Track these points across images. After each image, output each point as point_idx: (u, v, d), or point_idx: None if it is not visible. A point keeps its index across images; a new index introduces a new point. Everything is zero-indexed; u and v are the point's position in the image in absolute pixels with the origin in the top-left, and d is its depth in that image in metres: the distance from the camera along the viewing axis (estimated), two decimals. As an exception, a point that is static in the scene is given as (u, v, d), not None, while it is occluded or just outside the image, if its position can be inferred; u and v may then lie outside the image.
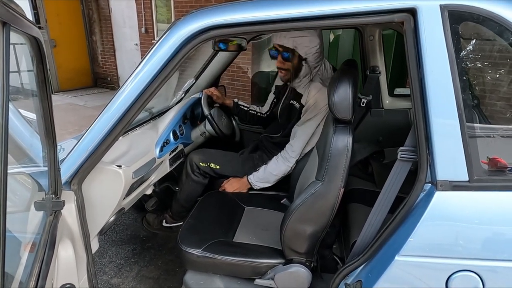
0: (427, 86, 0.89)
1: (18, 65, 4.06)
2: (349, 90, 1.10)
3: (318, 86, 1.74)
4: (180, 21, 1.05)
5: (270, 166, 1.83)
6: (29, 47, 0.64)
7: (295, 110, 1.84)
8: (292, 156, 1.78)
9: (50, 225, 0.93)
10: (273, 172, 1.82)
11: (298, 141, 1.77)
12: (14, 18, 0.48)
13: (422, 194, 0.95)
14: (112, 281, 1.89)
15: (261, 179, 1.85)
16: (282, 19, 0.97)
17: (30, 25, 0.58)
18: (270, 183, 1.86)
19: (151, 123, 1.82)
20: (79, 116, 5.38)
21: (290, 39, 1.66)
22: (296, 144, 1.78)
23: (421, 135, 0.92)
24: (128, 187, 1.36)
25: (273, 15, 0.97)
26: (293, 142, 1.79)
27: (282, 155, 1.81)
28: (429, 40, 0.88)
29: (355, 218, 1.58)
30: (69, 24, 6.96)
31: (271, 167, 1.82)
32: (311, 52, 1.69)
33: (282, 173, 1.82)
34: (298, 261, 1.31)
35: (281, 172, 1.81)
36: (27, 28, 0.56)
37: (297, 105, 1.83)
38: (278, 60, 1.76)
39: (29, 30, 0.57)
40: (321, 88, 1.73)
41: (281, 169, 1.81)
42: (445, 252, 0.93)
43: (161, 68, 1.06)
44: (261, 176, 1.84)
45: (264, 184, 1.86)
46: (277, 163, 1.81)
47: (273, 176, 1.83)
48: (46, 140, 0.87)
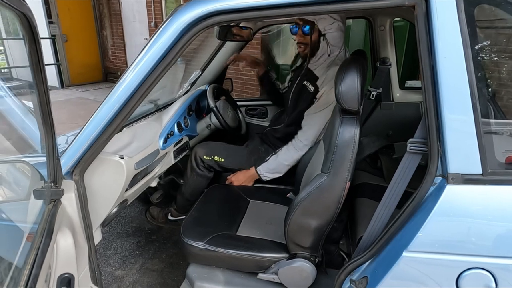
0: (439, 74, 0.84)
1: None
2: (356, 80, 1.05)
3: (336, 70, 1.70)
4: (181, 7, 1.02)
5: (282, 156, 1.78)
6: (19, 25, 0.62)
7: (307, 93, 1.78)
8: (305, 144, 1.73)
9: (48, 213, 0.91)
10: (285, 162, 1.77)
11: (313, 129, 1.72)
12: None
13: (432, 187, 0.90)
14: (116, 273, 1.89)
15: (272, 170, 1.80)
16: (287, 4, 0.93)
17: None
18: (281, 174, 1.81)
19: (156, 115, 1.80)
20: (89, 110, 5.40)
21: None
22: (309, 132, 1.73)
23: (432, 125, 0.87)
24: (130, 178, 1.34)
25: (278, 0, 0.94)
26: (306, 129, 1.74)
27: (293, 143, 1.76)
28: (442, 25, 0.83)
29: (363, 213, 1.54)
30: (80, 19, 7.03)
31: (283, 156, 1.77)
32: (330, 29, 1.66)
33: (294, 162, 1.77)
34: (302, 256, 1.28)
35: (294, 161, 1.76)
36: (13, 1, 0.53)
37: (311, 88, 1.77)
38: (298, 34, 1.76)
39: (16, 4, 0.55)
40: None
41: (294, 158, 1.76)
42: (455, 249, 0.88)
43: (162, 57, 1.03)
44: (271, 167, 1.80)
45: (274, 175, 1.81)
46: (289, 152, 1.76)
47: (285, 166, 1.78)
48: (43, 127, 0.85)
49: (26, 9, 0.58)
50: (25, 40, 0.65)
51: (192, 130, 2.00)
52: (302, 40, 1.76)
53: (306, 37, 1.74)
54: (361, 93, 1.07)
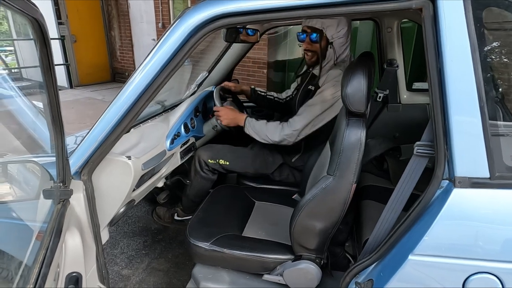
0: (446, 77, 0.84)
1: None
2: (363, 82, 1.05)
3: (338, 72, 1.71)
4: (189, 10, 1.03)
5: (269, 127, 1.77)
6: (31, 30, 0.63)
7: (311, 93, 1.80)
8: (292, 130, 1.72)
9: (57, 213, 0.93)
10: (267, 133, 1.77)
11: (300, 120, 1.72)
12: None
13: (439, 191, 0.90)
14: (122, 272, 1.91)
15: (255, 129, 1.80)
16: (294, 6, 0.94)
17: (30, 4, 0.57)
18: (258, 138, 1.80)
19: (163, 116, 1.82)
20: (97, 110, 5.48)
21: (319, 20, 1.67)
22: (297, 121, 1.73)
23: (438, 128, 0.87)
24: (137, 178, 1.35)
25: (285, 3, 0.94)
26: (296, 118, 1.74)
27: (283, 124, 1.76)
28: (450, 28, 0.83)
29: (369, 216, 1.54)
30: (88, 20, 7.11)
31: (269, 127, 1.77)
32: (337, 36, 1.69)
33: (272, 139, 1.76)
34: (307, 257, 1.28)
35: (272, 138, 1.76)
36: (25, 7, 0.55)
37: (313, 89, 1.79)
38: (305, 42, 1.76)
39: (28, 10, 0.56)
40: (340, 73, 1.69)
41: (274, 136, 1.75)
42: (462, 253, 0.88)
43: (170, 59, 1.04)
44: (256, 128, 1.79)
45: (253, 134, 1.81)
46: (276, 129, 1.76)
47: (265, 135, 1.77)
48: (53, 128, 0.87)
49: (38, 15, 0.60)
50: (36, 43, 0.67)
51: (198, 131, 2.01)
52: (310, 47, 1.76)
53: (314, 45, 1.74)
54: (367, 96, 1.07)
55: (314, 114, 1.72)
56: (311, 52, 1.77)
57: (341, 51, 1.74)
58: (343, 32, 1.70)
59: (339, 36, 1.70)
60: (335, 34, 1.68)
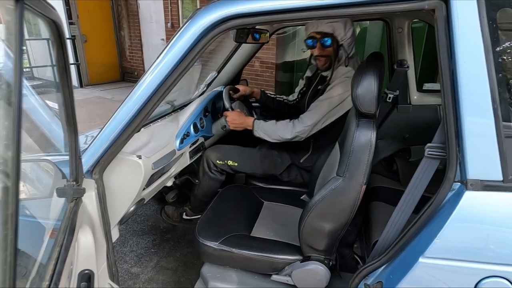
0: (458, 78, 0.83)
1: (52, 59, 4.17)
2: (373, 83, 1.05)
3: (346, 68, 1.72)
4: (200, 11, 1.04)
5: (279, 125, 1.78)
6: (49, 32, 0.64)
7: (321, 92, 1.80)
8: (304, 126, 1.73)
9: (70, 211, 0.95)
10: (278, 133, 1.77)
11: (312, 115, 1.73)
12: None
13: (450, 193, 0.89)
14: (132, 270, 1.93)
15: (265, 131, 1.81)
16: (306, 7, 0.94)
17: (49, 7, 0.58)
18: (269, 139, 1.81)
19: (173, 116, 1.83)
20: (107, 109, 5.54)
21: (327, 25, 1.66)
22: (308, 117, 1.74)
23: (450, 130, 0.86)
24: (147, 177, 1.37)
25: (296, 3, 0.94)
26: (307, 114, 1.75)
27: (294, 121, 1.77)
28: (463, 29, 0.82)
29: (378, 217, 1.53)
30: (99, 19, 7.18)
31: (280, 127, 1.78)
32: (346, 37, 1.69)
33: (284, 138, 1.77)
34: (316, 258, 1.28)
35: (285, 136, 1.76)
36: (44, 9, 0.56)
37: (322, 88, 1.80)
38: (317, 48, 1.74)
39: (47, 13, 0.57)
40: (349, 70, 1.70)
41: (286, 134, 1.76)
42: (474, 256, 0.87)
43: (181, 59, 1.05)
44: (266, 129, 1.80)
45: (263, 136, 1.81)
46: (287, 127, 1.76)
47: (277, 135, 1.78)
48: (67, 127, 0.88)
49: (55, 16, 0.61)
50: (53, 44, 0.68)
51: (207, 131, 2.02)
52: (322, 53, 1.74)
53: (326, 50, 1.73)
54: (378, 97, 1.07)
55: (325, 110, 1.72)
56: (324, 57, 1.76)
57: (350, 50, 1.75)
58: (351, 32, 1.71)
59: (348, 37, 1.70)
60: (343, 36, 1.68)
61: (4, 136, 0.36)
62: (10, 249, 0.36)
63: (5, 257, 0.36)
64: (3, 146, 0.36)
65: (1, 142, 0.35)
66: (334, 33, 1.67)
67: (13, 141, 0.36)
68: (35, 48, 7.07)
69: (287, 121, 1.79)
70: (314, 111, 1.74)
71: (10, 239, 0.36)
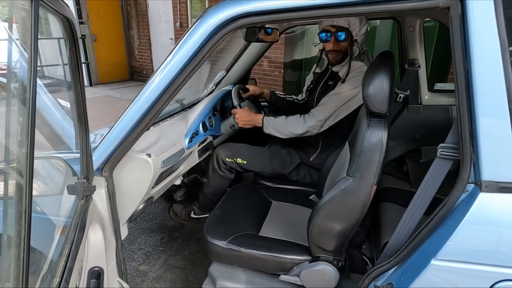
0: (473, 77, 0.82)
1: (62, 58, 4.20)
2: (385, 82, 1.03)
3: (359, 64, 1.71)
4: (210, 9, 1.04)
5: (290, 121, 1.78)
6: (62, 29, 0.65)
7: (332, 87, 1.79)
8: (314, 120, 1.72)
9: (81, 209, 0.95)
10: (290, 128, 1.77)
11: (323, 109, 1.72)
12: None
13: (464, 195, 0.87)
14: (140, 268, 1.94)
15: (276, 127, 1.80)
16: (316, 6, 0.93)
17: (63, 4, 0.58)
18: (280, 136, 1.81)
19: (182, 114, 1.84)
20: (116, 108, 5.59)
21: (343, 19, 1.65)
22: (320, 111, 1.72)
23: (465, 130, 0.85)
24: (157, 176, 1.37)
25: (306, 2, 0.93)
26: (318, 108, 1.74)
27: (304, 116, 1.76)
28: (479, 27, 0.81)
29: (387, 218, 1.51)
30: (108, 19, 7.24)
31: (291, 122, 1.78)
32: (361, 33, 1.69)
33: (296, 133, 1.77)
34: (325, 259, 1.27)
35: (296, 132, 1.76)
36: (59, 6, 0.56)
37: (333, 82, 1.79)
38: (331, 42, 1.73)
39: (61, 9, 0.58)
40: (362, 65, 1.70)
41: (297, 129, 1.76)
42: (488, 259, 0.85)
43: (191, 58, 1.05)
44: (277, 125, 1.80)
45: (274, 132, 1.81)
46: (298, 122, 1.76)
47: (288, 131, 1.78)
48: (78, 125, 0.89)
49: (69, 13, 0.61)
50: (66, 42, 0.68)
51: (216, 130, 2.03)
52: (336, 47, 1.74)
53: (340, 44, 1.72)
54: (389, 96, 1.05)
55: (337, 104, 1.70)
56: (337, 51, 1.75)
57: (363, 47, 1.75)
58: (365, 29, 1.70)
59: (362, 33, 1.69)
60: (358, 31, 1.67)
61: (18, 132, 0.36)
62: (23, 246, 0.36)
63: (19, 253, 0.36)
64: (17, 143, 0.36)
65: (15, 139, 0.36)
66: (350, 28, 1.65)
67: (27, 138, 0.36)
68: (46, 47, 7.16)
69: (298, 116, 1.78)
70: (325, 105, 1.73)
71: (23, 235, 0.36)
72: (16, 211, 0.36)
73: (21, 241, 0.36)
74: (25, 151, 0.37)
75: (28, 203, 0.39)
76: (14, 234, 0.36)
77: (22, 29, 0.36)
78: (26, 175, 0.38)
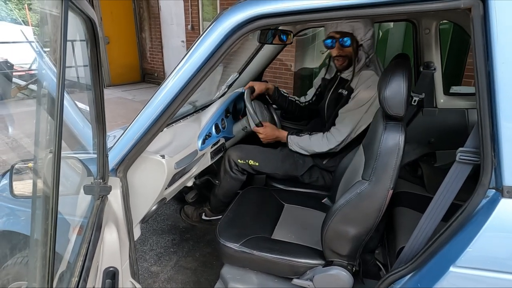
0: (495, 80, 0.80)
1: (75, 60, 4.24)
2: (403, 84, 1.02)
3: (370, 73, 1.71)
4: (226, 11, 1.04)
5: (314, 140, 1.81)
6: (84, 29, 0.66)
7: (343, 97, 1.80)
8: (337, 140, 1.75)
9: (97, 208, 0.96)
10: (314, 148, 1.81)
11: (344, 128, 1.74)
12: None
13: (485, 200, 0.85)
14: (152, 268, 1.95)
15: (300, 147, 1.85)
16: (336, 7, 0.92)
17: (88, 5, 0.59)
18: (306, 153, 1.85)
19: (195, 116, 1.84)
20: (128, 109, 5.65)
21: (347, 24, 1.66)
22: (342, 129, 1.75)
23: (486, 134, 0.83)
24: (170, 177, 1.38)
25: (323, 3, 0.92)
26: (340, 127, 1.76)
27: (327, 136, 1.78)
28: (501, 28, 0.79)
29: (402, 223, 1.48)
30: (121, 22, 7.34)
31: (315, 142, 1.81)
32: (366, 38, 1.68)
33: (320, 152, 1.81)
34: (339, 263, 1.25)
35: (320, 150, 1.80)
36: (85, 7, 0.57)
37: (345, 92, 1.79)
38: (335, 48, 1.75)
39: (86, 10, 0.58)
40: (372, 75, 1.69)
41: (322, 149, 1.79)
42: (509, 268, 0.83)
43: (206, 60, 1.05)
44: (302, 144, 1.84)
45: (300, 150, 1.86)
46: (322, 142, 1.79)
47: (313, 150, 1.82)
48: (96, 125, 0.90)
49: (93, 14, 0.62)
50: (87, 43, 0.69)
51: (228, 132, 2.03)
52: (341, 53, 1.75)
53: (345, 49, 1.73)
54: (407, 99, 1.04)
55: (356, 119, 1.72)
56: (342, 57, 1.76)
57: (369, 52, 1.74)
58: (371, 33, 1.70)
59: (367, 38, 1.69)
60: (363, 36, 1.67)
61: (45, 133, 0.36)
62: (49, 244, 0.37)
63: (45, 252, 0.37)
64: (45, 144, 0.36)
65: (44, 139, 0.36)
66: (354, 32, 1.66)
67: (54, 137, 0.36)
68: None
69: (321, 135, 1.81)
70: (345, 123, 1.74)
71: (50, 234, 0.36)
72: (43, 210, 0.36)
73: (48, 240, 0.37)
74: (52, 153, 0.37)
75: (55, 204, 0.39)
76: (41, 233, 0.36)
77: (53, 26, 0.36)
78: (53, 176, 0.38)
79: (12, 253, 1.42)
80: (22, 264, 1.39)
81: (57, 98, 0.38)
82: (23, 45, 5.43)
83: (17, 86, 4.73)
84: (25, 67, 5.85)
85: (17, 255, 1.43)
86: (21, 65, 5.82)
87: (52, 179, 0.38)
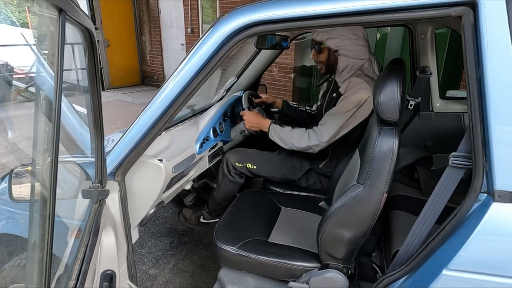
0: (486, 86, 0.81)
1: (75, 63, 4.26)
2: (396, 90, 1.03)
3: (359, 80, 1.69)
4: (223, 18, 1.06)
5: (294, 134, 1.77)
6: (82, 39, 0.67)
7: (334, 100, 1.80)
8: (318, 139, 1.72)
9: (95, 212, 0.97)
10: (292, 140, 1.77)
11: (326, 130, 1.72)
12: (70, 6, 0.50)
13: (476, 204, 0.86)
14: (150, 271, 1.96)
15: (280, 137, 1.81)
16: (328, 14, 0.94)
17: (84, 16, 0.61)
18: (283, 146, 1.81)
19: (193, 120, 1.86)
20: (127, 112, 5.67)
21: (320, 34, 1.74)
22: (323, 132, 1.72)
23: (477, 139, 0.84)
24: (168, 180, 1.39)
25: (318, 11, 0.94)
26: (321, 129, 1.73)
27: (309, 132, 1.75)
28: (491, 36, 0.80)
29: (398, 226, 1.50)
30: (121, 25, 7.37)
31: (295, 135, 1.77)
32: (343, 44, 1.68)
33: (298, 147, 1.77)
34: (334, 266, 1.27)
35: (298, 145, 1.76)
36: (81, 18, 0.58)
37: (335, 95, 1.81)
38: (312, 54, 1.87)
39: (83, 21, 0.60)
40: (362, 83, 1.67)
41: (300, 143, 1.75)
42: (501, 270, 0.84)
43: (203, 65, 1.07)
44: (282, 135, 1.80)
45: (278, 141, 1.82)
46: (302, 138, 1.75)
47: (291, 143, 1.78)
48: (94, 130, 0.91)
49: (90, 25, 0.64)
50: (85, 52, 0.71)
51: (226, 136, 2.04)
52: (316, 58, 1.85)
53: (320, 56, 1.82)
54: (401, 104, 1.05)
55: (339, 123, 1.70)
56: (319, 62, 1.86)
57: (358, 57, 1.70)
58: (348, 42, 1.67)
59: (346, 44, 1.67)
60: (339, 43, 1.69)
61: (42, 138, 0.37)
62: (46, 249, 0.38)
63: (42, 256, 0.38)
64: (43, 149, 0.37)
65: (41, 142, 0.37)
66: (324, 42, 1.72)
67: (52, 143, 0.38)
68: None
69: (303, 130, 1.78)
70: (327, 125, 1.72)
71: (47, 238, 0.38)
72: (40, 216, 0.37)
73: (45, 245, 0.38)
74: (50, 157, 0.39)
75: (52, 209, 0.40)
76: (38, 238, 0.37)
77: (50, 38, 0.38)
78: (50, 181, 0.39)
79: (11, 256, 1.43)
80: (20, 266, 1.40)
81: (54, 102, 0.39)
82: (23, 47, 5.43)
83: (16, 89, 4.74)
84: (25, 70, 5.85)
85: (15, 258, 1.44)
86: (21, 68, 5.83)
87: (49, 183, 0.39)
